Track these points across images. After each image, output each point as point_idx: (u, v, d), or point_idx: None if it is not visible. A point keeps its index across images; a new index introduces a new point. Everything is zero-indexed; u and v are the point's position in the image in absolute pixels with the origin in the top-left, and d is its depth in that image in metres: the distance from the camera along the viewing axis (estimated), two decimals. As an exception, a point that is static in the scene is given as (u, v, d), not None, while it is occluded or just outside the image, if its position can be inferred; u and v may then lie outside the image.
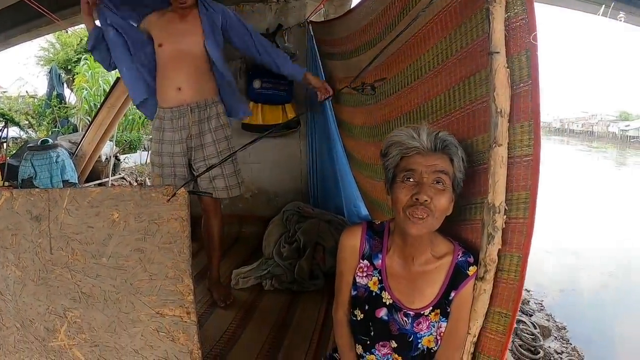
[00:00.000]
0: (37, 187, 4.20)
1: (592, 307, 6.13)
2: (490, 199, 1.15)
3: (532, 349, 4.25)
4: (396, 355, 1.39)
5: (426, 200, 1.22)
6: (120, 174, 7.57)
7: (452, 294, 1.31)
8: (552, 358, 4.32)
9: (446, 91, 1.48)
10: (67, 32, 11.42)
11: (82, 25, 11.77)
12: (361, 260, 1.43)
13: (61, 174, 5.35)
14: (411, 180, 1.25)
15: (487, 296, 1.22)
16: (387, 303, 1.38)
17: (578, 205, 11.87)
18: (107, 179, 6.54)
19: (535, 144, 1.13)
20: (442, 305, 1.33)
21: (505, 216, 1.16)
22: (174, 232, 1.27)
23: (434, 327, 1.35)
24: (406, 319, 1.36)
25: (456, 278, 1.31)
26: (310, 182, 4.29)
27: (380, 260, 1.40)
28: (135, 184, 7.58)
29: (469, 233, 1.42)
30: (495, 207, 1.14)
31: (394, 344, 1.38)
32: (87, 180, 5.96)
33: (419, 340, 1.36)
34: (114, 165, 7.07)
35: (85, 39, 12.53)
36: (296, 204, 3.82)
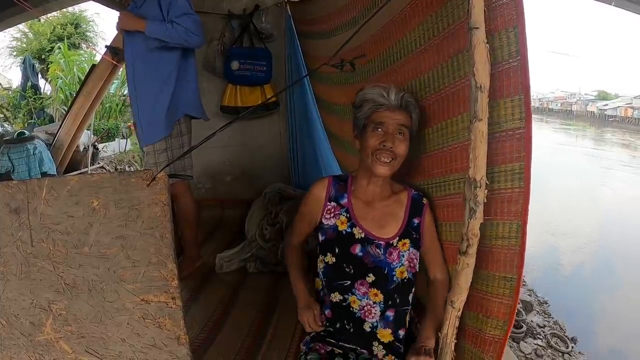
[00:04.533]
0: (14, 180, 4.11)
1: (572, 283, 6.27)
2: (471, 174, 1.16)
3: (515, 323, 4.33)
4: (374, 291, 1.59)
5: (391, 147, 1.51)
6: (99, 163, 7.46)
7: (417, 221, 1.62)
8: (535, 331, 4.42)
9: (434, 69, 1.50)
10: (39, 20, 11.13)
11: (55, 13, 11.54)
12: (328, 203, 1.66)
13: (39, 166, 5.26)
14: (380, 130, 1.54)
15: (470, 270, 1.24)
16: (360, 237, 1.60)
17: (557, 184, 12.08)
18: (86, 169, 6.44)
19: (527, 117, 1.16)
20: (409, 233, 1.61)
21: (486, 190, 1.17)
22: (155, 217, 1.26)
23: (403, 256, 1.60)
24: (379, 250, 1.59)
25: (415, 207, 1.63)
26: (291, 163, 4.28)
27: (346, 199, 1.65)
28: (114, 172, 7.47)
29: (455, 206, 1.48)
30: (477, 182, 1.16)
31: (371, 278, 1.59)
32: (66, 171, 5.87)
33: (393, 273, 1.59)
34: (93, 154, 6.96)
35: (59, 27, 12.27)
36: (277, 185, 3.80)
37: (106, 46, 5.08)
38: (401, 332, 1.62)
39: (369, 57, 1.98)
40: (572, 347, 4.28)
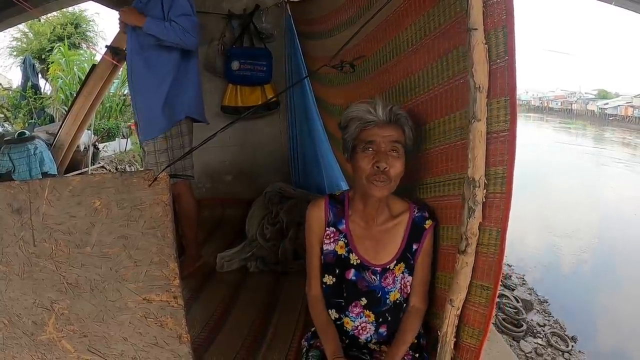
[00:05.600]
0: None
1: (572, 282, 6.26)
2: (470, 174, 1.17)
3: (515, 322, 4.34)
4: (367, 312, 1.55)
5: (386, 167, 1.39)
6: (99, 162, 7.47)
7: (415, 247, 1.52)
8: (535, 330, 4.42)
9: (425, 68, 1.49)
10: (40, 20, 11.13)
11: (55, 13, 11.55)
12: (327, 228, 1.58)
13: (40, 166, 5.27)
14: (370, 149, 1.43)
15: (469, 269, 1.24)
16: (355, 263, 1.54)
17: (557, 182, 12.08)
18: (86, 169, 6.45)
19: (512, 120, 1.13)
20: (406, 258, 1.53)
21: (485, 190, 1.18)
22: (157, 216, 1.27)
23: (398, 280, 1.54)
24: (374, 277, 1.53)
25: (415, 232, 1.52)
26: (291, 163, 4.30)
27: (344, 225, 1.56)
28: (116, 172, 7.47)
29: (448, 208, 1.45)
30: (475, 181, 1.16)
31: (363, 301, 1.55)
32: (66, 171, 5.87)
33: (387, 296, 1.54)
34: (93, 154, 6.97)
35: (59, 26, 12.27)
36: (278, 184, 3.82)
37: (106, 46, 5.08)
38: None
39: (365, 57, 1.99)
40: (572, 346, 4.27)
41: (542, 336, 4.35)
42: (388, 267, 1.53)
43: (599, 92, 47.90)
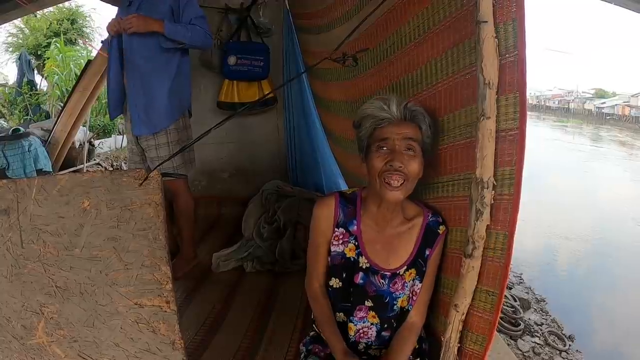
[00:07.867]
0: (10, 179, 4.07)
1: (569, 281, 6.27)
2: (478, 174, 1.12)
3: (513, 321, 4.33)
4: (372, 313, 1.50)
5: (400, 166, 1.32)
6: (95, 159, 7.41)
7: (427, 252, 1.46)
8: (532, 329, 4.40)
9: (428, 63, 1.44)
10: (36, 16, 11.06)
11: (51, 9, 11.48)
12: (336, 229, 1.50)
13: (34, 163, 5.21)
14: (385, 148, 1.35)
15: (475, 273, 1.21)
16: (364, 267, 1.48)
17: (554, 181, 12.11)
18: (81, 166, 6.39)
19: (521, 118, 1.10)
20: (417, 264, 1.47)
21: (493, 192, 1.13)
22: (148, 217, 1.22)
23: (407, 287, 1.48)
24: (383, 281, 1.47)
25: (429, 237, 1.46)
26: (289, 160, 4.27)
27: (355, 227, 1.48)
28: (111, 169, 7.42)
29: (452, 209, 1.41)
30: (484, 182, 1.11)
31: (369, 303, 1.49)
32: (61, 168, 5.81)
33: (395, 302, 1.48)
34: (89, 151, 6.90)
35: (55, 22, 12.21)
36: (275, 182, 3.79)
37: (102, 41, 5.03)
38: None
39: (369, 49, 1.94)
40: (570, 345, 4.27)
41: (539, 335, 4.34)
42: (398, 272, 1.46)
43: (596, 91, 48.27)
